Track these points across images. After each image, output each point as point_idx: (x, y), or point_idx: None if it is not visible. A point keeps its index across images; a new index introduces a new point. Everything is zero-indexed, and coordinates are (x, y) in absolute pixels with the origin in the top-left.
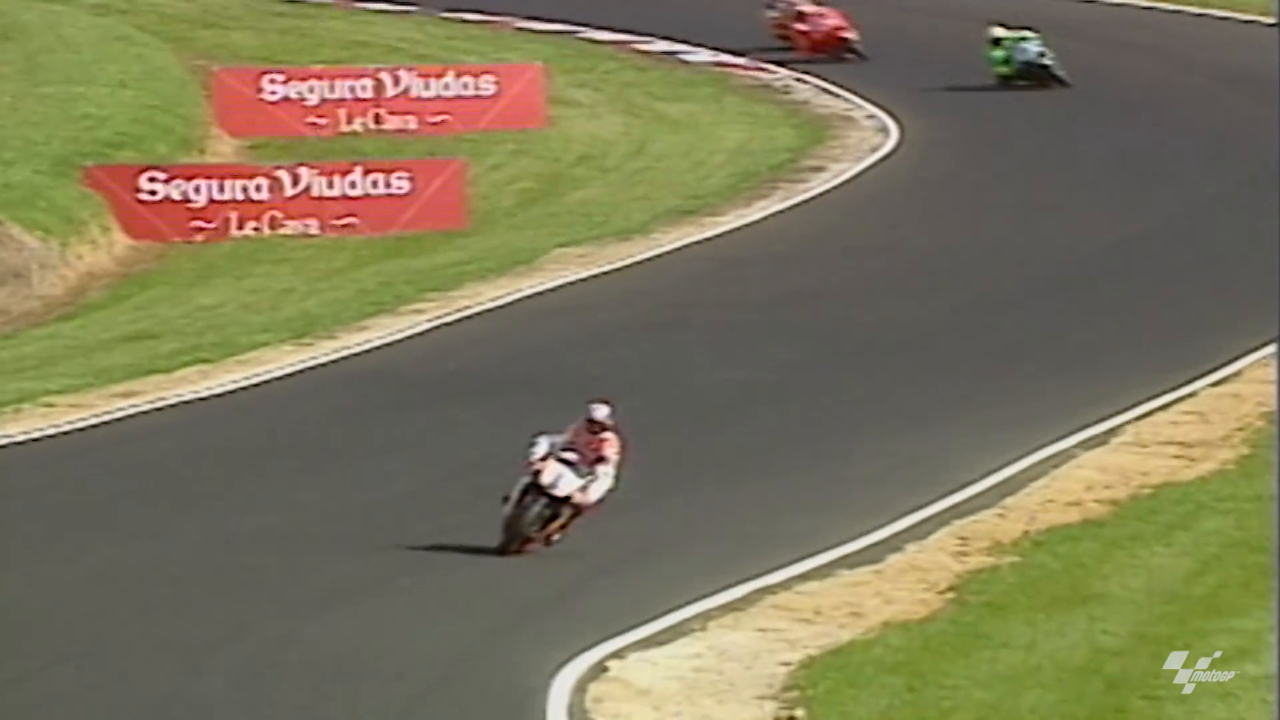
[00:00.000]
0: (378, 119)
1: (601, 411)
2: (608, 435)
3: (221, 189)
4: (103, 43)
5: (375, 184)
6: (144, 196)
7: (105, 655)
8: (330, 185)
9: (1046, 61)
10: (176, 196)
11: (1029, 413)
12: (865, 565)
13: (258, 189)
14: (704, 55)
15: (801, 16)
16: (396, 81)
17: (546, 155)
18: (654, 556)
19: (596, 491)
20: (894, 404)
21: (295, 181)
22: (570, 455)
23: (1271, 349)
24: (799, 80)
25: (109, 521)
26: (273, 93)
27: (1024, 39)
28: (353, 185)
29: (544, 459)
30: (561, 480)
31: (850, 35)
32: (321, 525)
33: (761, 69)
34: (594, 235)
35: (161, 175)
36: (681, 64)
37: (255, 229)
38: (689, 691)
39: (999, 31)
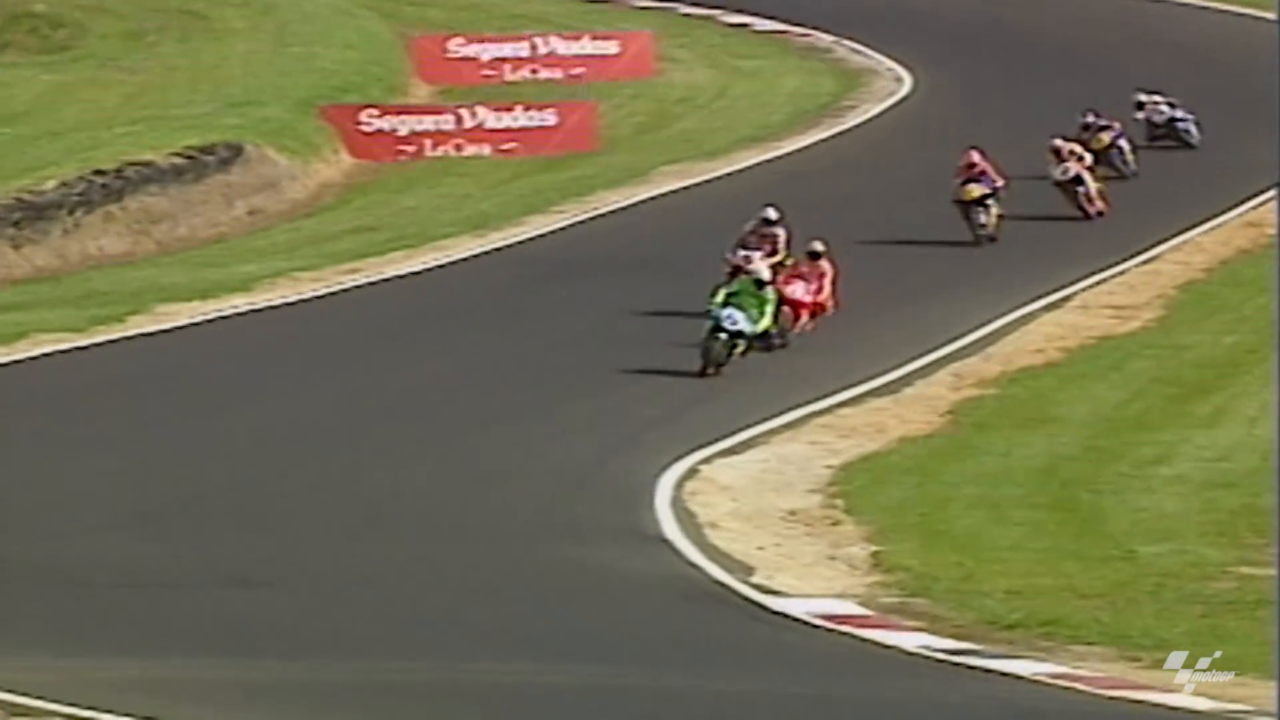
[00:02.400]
0: (533, 71)
1: None
2: None
3: (419, 122)
4: (334, 16)
5: (530, 119)
6: (363, 128)
7: (334, 458)
8: (498, 120)
9: None
10: (386, 128)
11: (1006, 285)
12: (887, 395)
13: (445, 123)
14: (769, 25)
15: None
16: (546, 44)
17: (655, 98)
18: (732, 391)
19: None
20: (907, 279)
21: (473, 117)
22: None
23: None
24: (838, 43)
25: (342, 361)
26: (456, 53)
27: None
28: (514, 120)
29: None
30: None
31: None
32: (491, 366)
33: (810, 34)
34: (689, 156)
35: (376, 112)
36: (753, 33)
37: (444, 152)
38: (758, 487)
39: None
